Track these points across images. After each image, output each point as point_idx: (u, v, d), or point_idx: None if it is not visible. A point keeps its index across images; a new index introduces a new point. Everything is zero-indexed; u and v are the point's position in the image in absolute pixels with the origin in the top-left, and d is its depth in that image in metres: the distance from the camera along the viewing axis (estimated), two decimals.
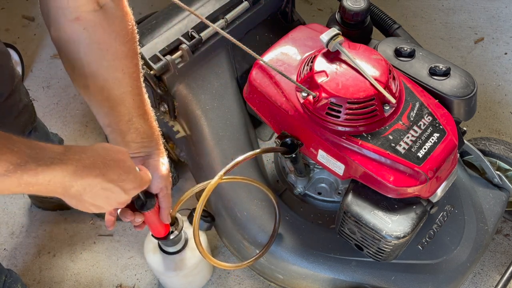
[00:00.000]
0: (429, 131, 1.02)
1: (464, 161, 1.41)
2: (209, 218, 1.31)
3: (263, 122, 1.29)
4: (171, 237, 1.10)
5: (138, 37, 0.81)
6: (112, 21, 0.76)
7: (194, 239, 1.03)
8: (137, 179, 0.77)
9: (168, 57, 1.26)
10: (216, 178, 0.97)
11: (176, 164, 1.58)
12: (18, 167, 0.58)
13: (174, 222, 1.10)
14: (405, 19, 2.13)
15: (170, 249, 1.24)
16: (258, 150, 1.03)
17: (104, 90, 0.79)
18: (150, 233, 1.09)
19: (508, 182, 1.33)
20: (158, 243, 1.25)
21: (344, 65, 1.02)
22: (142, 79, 0.83)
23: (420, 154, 0.99)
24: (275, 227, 1.18)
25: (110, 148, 0.72)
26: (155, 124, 0.87)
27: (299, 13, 1.56)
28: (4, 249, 1.57)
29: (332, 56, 1.04)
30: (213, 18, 1.33)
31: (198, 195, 1.04)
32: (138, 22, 1.41)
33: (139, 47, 0.82)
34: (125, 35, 0.78)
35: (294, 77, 1.07)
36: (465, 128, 1.30)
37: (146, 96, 0.85)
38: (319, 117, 1.02)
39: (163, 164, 0.88)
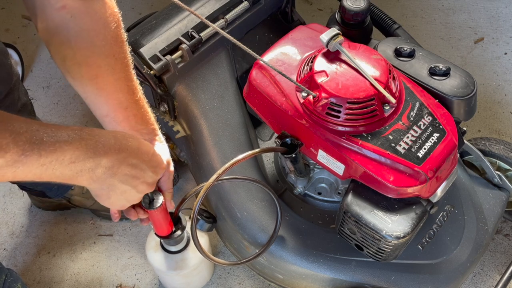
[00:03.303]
0: (429, 131, 1.02)
1: (464, 161, 1.41)
2: (211, 219, 1.31)
3: (263, 122, 1.29)
4: (174, 236, 1.10)
5: (123, 24, 0.81)
6: (98, 7, 0.76)
7: (192, 235, 1.03)
8: (158, 157, 0.77)
9: (168, 57, 1.26)
10: (214, 176, 0.97)
11: (176, 164, 1.58)
12: (35, 145, 0.57)
13: (178, 221, 1.10)
14: (405, 19, 2.13)
15: (172, 248, 1.24)
16: (257, 150, 1.03)
17: (99, 77, 0.78)
18: (153, 231, 1.10)
19: (508, 182, 1.33)
20: (160, 241, 1.25)
21: (344, 65, 1.02)
22: (132, 66, 0.83)
23: (420, 154, 0.99)
24: (277, 224, 1.17)
25: (126, 133, 0.73)
26: (149, 110, 0.87)
27: (299, 13, 1.56)
28: (4, 249, 1.57)
29: (332, 56, 1.04)
30: (213, 18, 1.33)
31: (199, 195, 1.04)
32: (138, 22, 1.42)
33: (125, 33, 0.81)
34: (111, 21, 0.78)
35: (294, 77, 1.07)
36: (465, 128, 1.30)
37: (138, 82, 0.85)
38: (319, 117, 1.02)
39: (163, 148, 0.88)
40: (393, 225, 1.01)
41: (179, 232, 1.11)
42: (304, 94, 1.04)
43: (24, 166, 0.57)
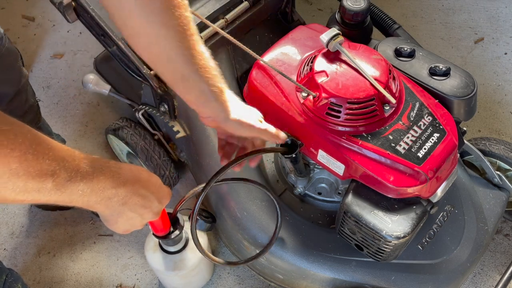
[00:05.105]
0: (429, 131, 1.02)
1: (464, 161, 1.41)
2: (210, 218, 1.30)
3: None
4: (172, 236, 1.10)
5: None
6: None
7: (192, 234, 1.03)
8: (165, 189, 0.82)
9: None
10: (215, 177, 0.96)
11: (176, 164, 1.59)
12: (79, 173, 0.63)
13: (175, 221, 1.10)
14: (405, 19, 2.13)
15: (171, 249, 1.24)
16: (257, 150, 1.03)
17: (152, 46, 0.77)
18: (151, 231, 1.09)
19: (508, 182, 1.33)
20: (159, 241, 1.25)
21: (344, 65, 1.02)
22: (192, 31, 0.78)
23: (420, 154, 0.99)
24: (277, 226, 1.17)
25: (139, 167, 0.78)
26: (216, 79, 0.83)
27: (299, 13, 1.56)
28: (4, 249, 1.57)
29: (332, 56, 1.04)
30: (213, 18, 1.33)
31: (199, 195, 1.04)
32: None
33: None
34: None
35: (294, 77, 1.07)
36: (465, 128, 1.30)
37: (201, 47, 0.80)
38: (319, 117, 1.02)
39: (237, 120, 0.87)
40: (393, 225, 1.01)
41: (177, 232, 1.11)
42: (304, 94, 1.04)
43: (67, 191, 0.62)
